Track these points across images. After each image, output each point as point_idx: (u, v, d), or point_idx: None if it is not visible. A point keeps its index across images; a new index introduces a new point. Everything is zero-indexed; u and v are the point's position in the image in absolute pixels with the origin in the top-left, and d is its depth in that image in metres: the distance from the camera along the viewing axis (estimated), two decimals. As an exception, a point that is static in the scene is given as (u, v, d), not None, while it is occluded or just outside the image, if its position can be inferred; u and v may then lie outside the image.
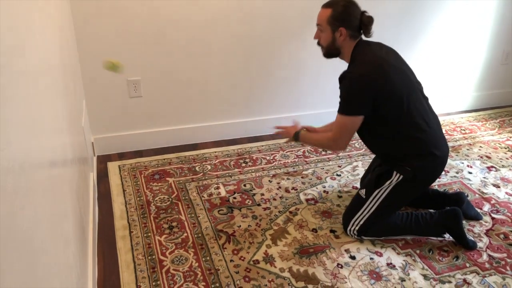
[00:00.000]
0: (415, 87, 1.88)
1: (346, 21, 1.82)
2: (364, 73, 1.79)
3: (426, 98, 1.94)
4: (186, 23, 2.52)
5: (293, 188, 2.37)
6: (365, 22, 1.83)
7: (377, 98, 1.78)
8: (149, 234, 2.00)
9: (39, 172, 0.93)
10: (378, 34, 1.97)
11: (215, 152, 2.75)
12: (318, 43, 1.95)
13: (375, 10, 1.86)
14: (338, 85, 1.88)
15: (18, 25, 0.87)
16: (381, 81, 1.78)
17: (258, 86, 2.86)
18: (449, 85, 3.37)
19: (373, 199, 1.94)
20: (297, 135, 2.05)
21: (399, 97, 1.80)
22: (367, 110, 1.82)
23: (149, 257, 1.86)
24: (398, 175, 1.89)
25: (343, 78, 1.85)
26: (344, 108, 1.85)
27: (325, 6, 1.87)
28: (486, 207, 2.24)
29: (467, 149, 2.85)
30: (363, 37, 1.90)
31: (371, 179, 1.97)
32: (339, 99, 1.86)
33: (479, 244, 1.97)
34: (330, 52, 1.92)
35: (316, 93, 3.00)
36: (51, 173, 1.08)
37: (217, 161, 2.64)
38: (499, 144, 2.93)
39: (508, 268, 1.85)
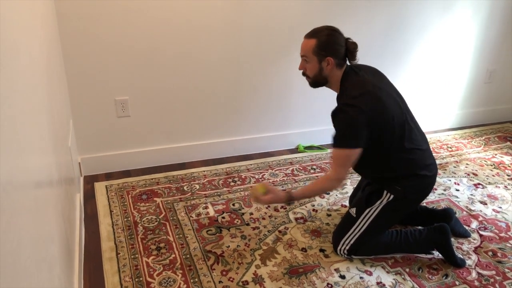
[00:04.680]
0: (402, 109, 1.89)
1: (332, 50, 1.82)
2: (359, 104, 1.77)
3: (412, 117, 1.95)
4: (173, 43, 2.53)
5: (282, 207, 2.36)
6: (350, 49, 1.83)
7: (373, 126, 1.78)
8: (137, 255, 1.97)
9: (23, 194, 0.91)
10: (363, 54, 1.98)
11: (204, 171, 2.74)
12: (304, 74, 1.94)
13: (359, 29, 1.89)
14: (326, 102, 1.88)
15: (2, 45, 0.87)
16: (376, 110, 1.77)
17: (246, 105, 2.87)
18: (434, 103, 3.41)
19: (364, 217, 1.93)
20: (290, 197, 1.92)
21: (391, 122, 1.81)
22: (364, 142, 1.80)
23: (137, 279, 1.83)
24: (388, 194, 1.90)
25: (337, 113, 1.82)
26: (342, 142, 1.82)
27: (308, 36, 1.86)
28: (474, 224, 2.25)
29: (454, 167, 2.87)
30: (348, 63, 1.90)
31: (362, 198, 1.97)
32: (334, 133, 1.83)
33: (468, 262, 1.98)
34: (317, 81, 1.91)
35: (304, 111, 3.02)
36: (36, 194, 1.06)
37: (205, 180, 2.63)
38: (485, 161, 2.97)
39: (497, 285, 1.85)
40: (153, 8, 2.41)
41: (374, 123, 1.77)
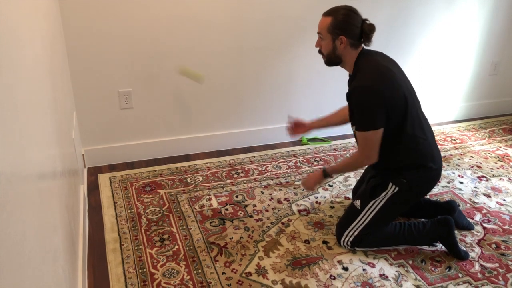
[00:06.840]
0: (413, 98, 1.89)
1: (346, 29, 1.82)
2: (373, 84, 1.79)
3: (421, 109, 1.95)
4: (177, 34, 2.52)
5: (285, 199, 2.36)
6: (366, 30, 1.83)
7: (387, 106, 1.79)
8: (140, 247, 1.98)
9: (27, 185, 0.91)
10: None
11: (207, 163, 2.74)
12: (319, 51, 1.95)
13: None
14: (330, 95, 1.88)
15: (5, 38, 0.87)
16: (388, 90, 1.78)
17: (250, 97, 2.86)
18: (439, 96, 3.39)
19: (368, 210, 1.93)
20: (325, 173, 2.01)
21: (401, 107, 1.81)
22: (383, 121, 1.81)
23: (140, 270, 1.84)
24: (393, 186, 1.89)
25: (352, 93, 1.84)
26: (364, 125, 1.83)
27: (325, 14, 1.88)
28: (478, 217, 2.25)
29: (458, 159, 2.86)
30: (365, 46, 1.91)
31: (366, 190, 1.97)
32: (356, 116, 1.85)
33: (471, 254, 1.98)
34: (331, 60, 1.92)
35: (307, 103, 3.01)
36: (40, 186, 1.07)
37: (208, 172, 2.63)
38: (489, 153, 2.95)
39: (500, 278, 1.85)
40: (156, 0, 2.41)
41: (388, 103, 1.78)
